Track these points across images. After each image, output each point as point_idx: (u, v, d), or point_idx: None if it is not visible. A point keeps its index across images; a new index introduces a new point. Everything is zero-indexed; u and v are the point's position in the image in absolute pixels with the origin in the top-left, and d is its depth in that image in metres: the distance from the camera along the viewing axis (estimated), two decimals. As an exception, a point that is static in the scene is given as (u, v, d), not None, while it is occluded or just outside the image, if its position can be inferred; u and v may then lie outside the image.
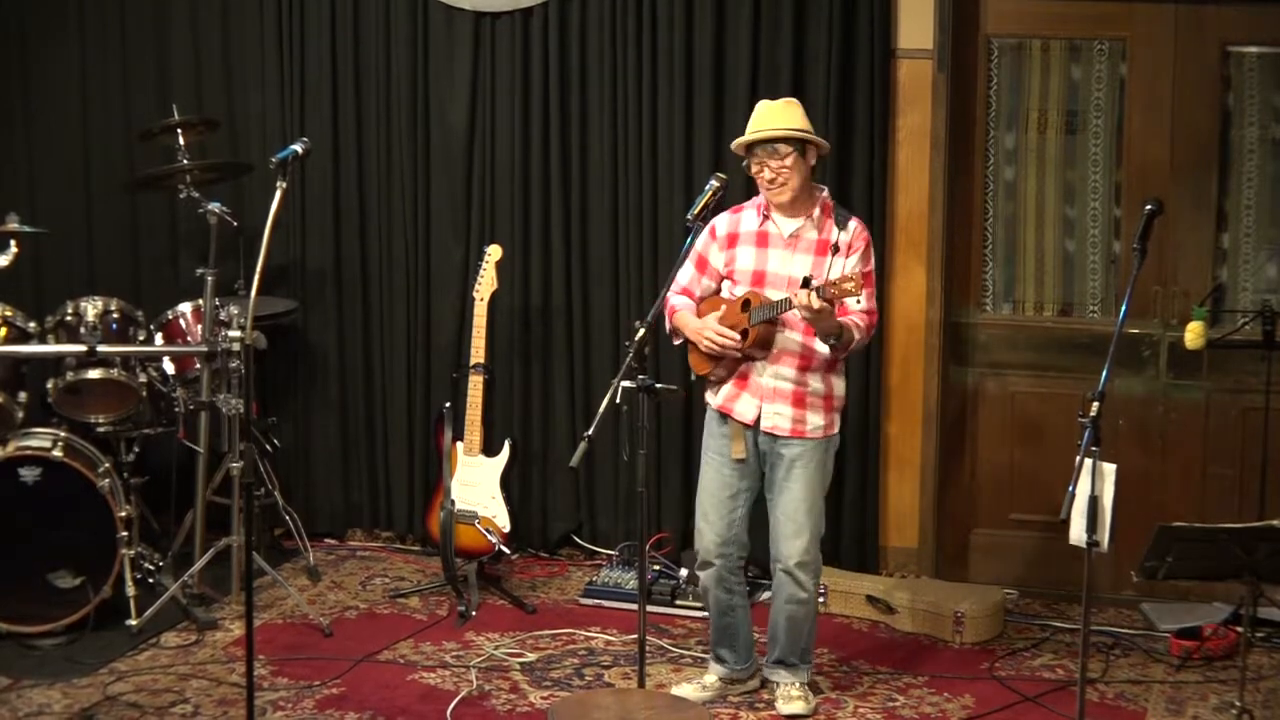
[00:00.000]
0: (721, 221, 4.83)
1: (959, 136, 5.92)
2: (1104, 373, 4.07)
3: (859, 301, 4.61)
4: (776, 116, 4.71)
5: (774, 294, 4.66)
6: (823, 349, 4.67)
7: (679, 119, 6.02)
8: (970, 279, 6.04)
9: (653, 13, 6.01)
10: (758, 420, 4.76)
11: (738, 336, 4.68)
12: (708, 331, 4.73)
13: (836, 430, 4.83)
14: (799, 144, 4.67)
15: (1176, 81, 5.74)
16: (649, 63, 6.04)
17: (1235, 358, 5.68)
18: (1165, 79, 5.75)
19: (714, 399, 4.85)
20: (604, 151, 6.15)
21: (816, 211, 4.73)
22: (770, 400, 4.74)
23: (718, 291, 4.86)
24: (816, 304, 4.43)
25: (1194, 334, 5.37)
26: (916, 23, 5.83)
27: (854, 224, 4.73)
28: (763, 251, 4.75)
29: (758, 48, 5.92)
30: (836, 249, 4.66)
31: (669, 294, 4.82)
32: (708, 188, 4.55)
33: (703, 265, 4.85)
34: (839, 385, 4.81)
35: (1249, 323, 5.52)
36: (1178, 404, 5.86)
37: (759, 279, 4.73)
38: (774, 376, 4.73)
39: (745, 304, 4.70)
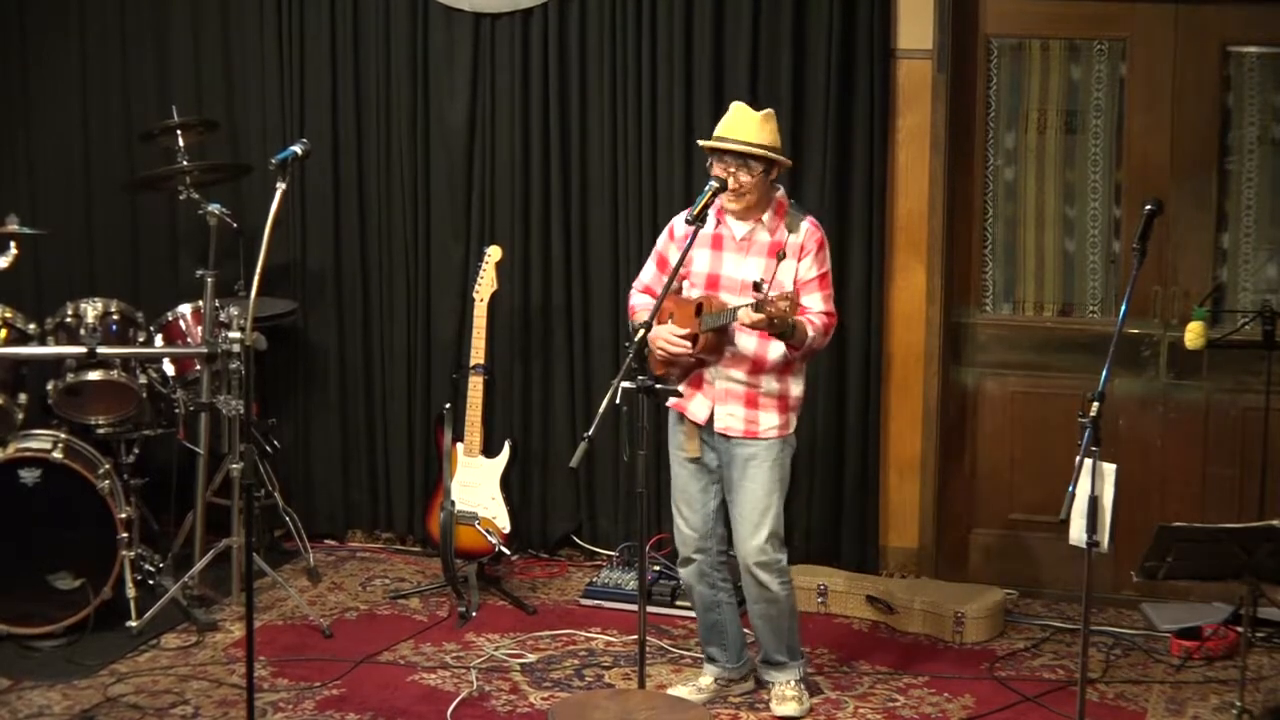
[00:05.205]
0: (679, 222, 4.83)
1: (959, 137, 5.92)
2: (1104, 373, 4.07)
3: (818, 303, 4.65)
4: (753, 128, 4.64)
5: (728, 297, 4.67)
6: (776, 354, 4.67)
7: (679, 119, 6.01)
8: (970, 279, 6.03)
9: (653, 13, 6.00)
10: (710, 421, 4.77)
11: (688, 345, 4.68)
12: (660, 341, 4.72)
13: (792, 431, 4.81)
14: (769, 161, 4.65)
15: (1176, 81, 5.74)
16: (649, 63, 6.03)
17: (1235, 358, 5.67)
18: (1165, 79, 5.75)
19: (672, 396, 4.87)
20: (604, 151, 6.15)
21: (768, 214, 4.72)
22: (723, 402, 4.74)
23: (679, 291, 4.85)
24: (759, 320, 4.42)
25: (1194, 334, 5.37)
26: (916, 23, 5.83)
27: (806, 225, 4.72)
28: (717, 254, 4.76)
29: (757, 47, 5.92)
30: (783, 255, 4.65)
31: (631, 292, 4.92)
32: (707, 188, 4.55)
33: (663, 265, 4.86)
34: (795, 387, 4.78)
35: (1249, 323, 5.52)
36: (1178, 404, 5.86)
37: (713, 282, 4.74)
38: (726, 379, 4.73)
39: (699, 309, 4.70)
